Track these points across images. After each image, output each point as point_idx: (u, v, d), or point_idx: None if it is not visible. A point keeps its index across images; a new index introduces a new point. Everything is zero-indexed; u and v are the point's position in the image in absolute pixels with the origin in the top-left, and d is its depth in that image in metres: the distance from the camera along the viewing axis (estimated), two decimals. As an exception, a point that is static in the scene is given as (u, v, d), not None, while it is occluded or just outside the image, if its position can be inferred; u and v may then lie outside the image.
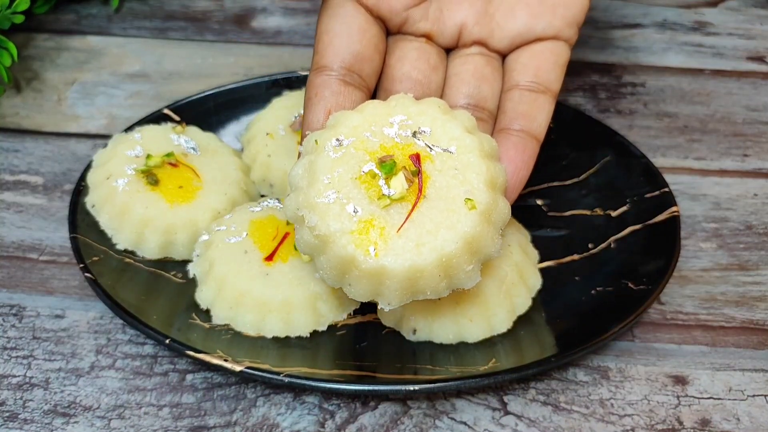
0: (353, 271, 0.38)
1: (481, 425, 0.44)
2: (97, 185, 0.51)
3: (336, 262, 0.39)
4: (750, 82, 0.69)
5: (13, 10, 0.61)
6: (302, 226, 0.39)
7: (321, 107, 0.42)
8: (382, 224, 0.38)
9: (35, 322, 0.49)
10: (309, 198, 0.39)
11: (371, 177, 0.39)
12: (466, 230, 0.38)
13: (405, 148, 0.40)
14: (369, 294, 0.39)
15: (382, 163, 0.39)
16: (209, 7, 0.76)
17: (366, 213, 0.38)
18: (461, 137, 0.41)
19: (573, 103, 0.66)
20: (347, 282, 0.39)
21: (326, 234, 0.38)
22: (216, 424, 0.44)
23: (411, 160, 0.39)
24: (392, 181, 0.39)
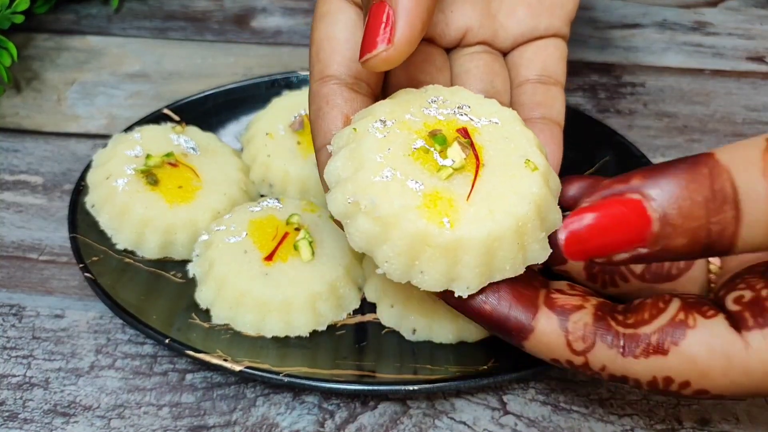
0: (426, 252, 0.35)
1: (480, 425, 0.44)
2: (96, 185, 0.51)
3: (404, 244, 0.35)
4: (750, 82, 0.69)
5: (13, 10, 0.61)
6: (356, 216, 0.35)
7: (336, 113, 0.39)
8: (448, 195, 0.35)
9: (35, 322, 0.49)
10: (362, 181, 0.35)
11: (424, 152, 0.37)
12: (533, 191, 0.36)
13: (449, 124, 0.38)
14: (445, 278, 0.35)
15: (434, 137, 0.37)
16: (209, 7, 0.76)
17: (429, 186, 0.35)
18: (501, 110, 0.40)
19: (572, 103, 0.66)
20: (419, 269, 0.35)
21: (390, 213, 0.34)
22: (215, 423, 0.44)
23: (459, 134, 0.37)
24: (448, 151, 0.37)
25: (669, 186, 0.29)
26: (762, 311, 0.32)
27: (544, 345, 0.34)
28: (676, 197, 0.29)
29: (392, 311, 0.47)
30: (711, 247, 0.30)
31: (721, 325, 0.33)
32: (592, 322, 0.34)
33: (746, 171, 0.28)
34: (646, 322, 0.34)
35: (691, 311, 0.33)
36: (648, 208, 0.29)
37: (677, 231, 0.29)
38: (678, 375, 0.33)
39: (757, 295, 0.33)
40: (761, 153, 0.29)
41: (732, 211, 0.28)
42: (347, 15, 0.40)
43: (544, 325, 0.34)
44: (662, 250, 0.30)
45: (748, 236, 0.29)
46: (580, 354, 0.34)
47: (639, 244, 0.30)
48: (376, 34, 0.34)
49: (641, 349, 0.33)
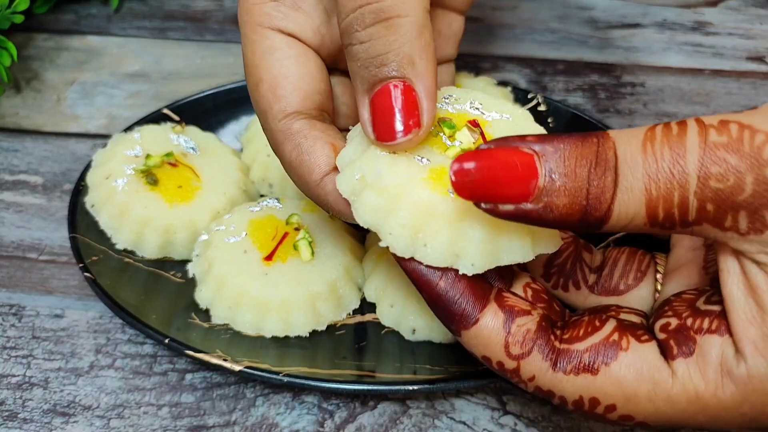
0: (430, 224, 0.34)
1: (480, 425, 0.44)
2: (96, 185, 0.51)
3: (409, 215, 0.34)
4: (750, 82, 0.69)
5: (12, 10, 0.61)
6: (363, 192, 0.35)
7: (321, 143, 0.37)
8: None
9: (35, 322, 0.49)
10: (369, 157, 0.35)
11: (433, 135, 0.36)
12: None
13: (460, 117, 0.37)
14: (449, 252, 0.34)
15: (443, 122, 0.36)
16: (209, 7, 0.76)
17: (435, 163, 0.34)
18: (514, 109, 0.39)
19: (572, 103, 0.66)
20: (422, 242, 0.34)
21: (395, 184, 0.33)
22: (215, 423, 0.44)
23: (470, 124, 0.37)
24: (457, 134, 0.36)
25: (559, 146, 0.30)
26: (686, 340, 0.32)
27: (482, 339, 0.34)
28: (564, 157, 0.30)
29: (392, 311, 0.47)
30: (589, 212, 0.30)
31: (653, 351, 0.33)
32: (534, 330, 0.34)
33: (628, 142, 0.30)
34: (580, 339, 0.34)
35: (626, 333, 0.34)
36: (537, 162, 0.30)
37: (560, 189, 0.30)
38: (604, 397, 0.33)
39: (682, 324, 0.33)
40: (645, 129, 0.30)
41: (612, 176, 0.30)
42: (296, 50, 0.38)
43: (488, 320, 0.34)
44: (545, 208, 0.30)
45: (623, 203, 0.30)
46: (514, 358, 0.34)
47: (524, 195, 0.30)
48: (401, 116, 0.33)
49: (572, 366, 0.33)
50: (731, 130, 0.29)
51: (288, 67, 0.38)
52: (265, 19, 0.38)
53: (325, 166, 0.37)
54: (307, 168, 0.37)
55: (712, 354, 0.31)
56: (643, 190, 0.30)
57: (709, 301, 0.34)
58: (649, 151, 0.30)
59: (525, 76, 0.69)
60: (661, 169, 0.29)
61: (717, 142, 0.29)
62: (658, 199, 0.29)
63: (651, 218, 0.30)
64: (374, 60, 0.33)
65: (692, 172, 0.29)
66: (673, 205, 0.30)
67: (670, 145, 0.29)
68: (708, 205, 0.29)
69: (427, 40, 0.34)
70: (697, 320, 0.33)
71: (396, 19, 0.33)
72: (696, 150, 0.29)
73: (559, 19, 0.76)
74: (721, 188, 0.29)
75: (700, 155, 0.29)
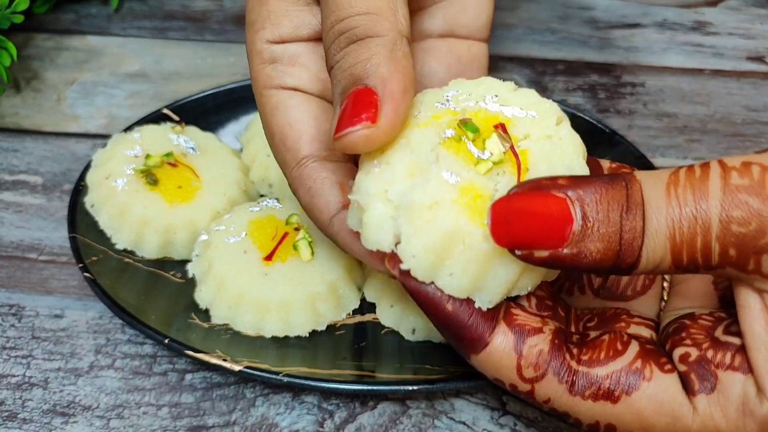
0: (457, 254, 0.32)
1: (480, 425, 0.44)
2: (96, 185, 0.51)
3: (435, 240, 0.31)
4: (750, 82, 0.69)
5: (12, 9, 0.61)
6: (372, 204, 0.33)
7: (329, 184, 0.38)
8: (487, 192, 0.32)
9: (34, 322, 0.49)
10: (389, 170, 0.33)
11: (456, 141, 0.33)
12: None
13: (480, 115, 0.35)
14: (471, 285, 0.32)
15: (465, 124, 0.33)
16: (209, 7, 0.76)
17: (465, 180, 0.32)
18: (538, 102, 0.36)
19: (572, 103, 0.66)
20: (448, 270, 0.32)
21: (422, 203, 0.31)
22: (215, 423, 0.44)
23: (497, 129, 0.34)
24: (487, 142, 0.33)
25: (591, 190, 0.30)
26: (708, 374, 0.32)
27: (494, 363, 0.33)
28: (596, 202, 0.30)
29: (392, 311, 0.47)
30: (621, 257, 0.30)
31: (675, 384, 0.33)
32: (548, 350, 0.33)
33: (654, 185, 0.30)
34: (602, 362, 0.33)
35: (649, 361, 0.33)
36: (570, 207, 0.30)
37: (595, 234, 0.30)
38: (622, 425, 0.33)
39: (702, 356, 0.33)
40: (669, 173, 0.31)
41: (641, 221, 0.30)
42: (297, 100, 0.40)
43: (498, 342, 0.33)
44: (579, 254, 0.30)
45: (650, 247, 0.30)
46: (528, 381, 0.33)
47: (560, 242, 0.30)
48: (357, 114, 0.33)
49: (591, 392, 0.33)
50: (753, 172, 0.29)
51: (292, 116, 0.39)
52: (267, 80, 0.40)
53: (334, 206, 0.37)
54: (318, 210, 0.38)
55: (733, 392, 0.31)
56: (667, 234, 0.30)
57: (728, 332, 0.33)
58: (672, 195, 0.30)
59: (525, 76, 0.69)
60: (684, 213, 0.29)
61: (739, 185, 0.29)
62: (682, 244, 0.30)
63: (676, 262, 0.30)
64: (345, 72, 0.35)
65: (714, 216, 0.29)
66: (696, 249, 0.30)
67: (692, 189, 0.29)
68: (731, 250, 0.29)
69: (399, 56, 0.34)
70: (718, 353, 0.32)
71: (367, 39, 0.34)
72: (718, 193, 0.29)
73: (560, 19, 0.76)
74: (744, 232, 0.29)
75: (722, 199, 0.29)
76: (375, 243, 0.33)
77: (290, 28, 0.40)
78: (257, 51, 0.40)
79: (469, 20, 0.46)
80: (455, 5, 0.46)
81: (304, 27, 0.40)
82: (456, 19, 0.46)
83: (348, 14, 0.35)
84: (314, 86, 0.40)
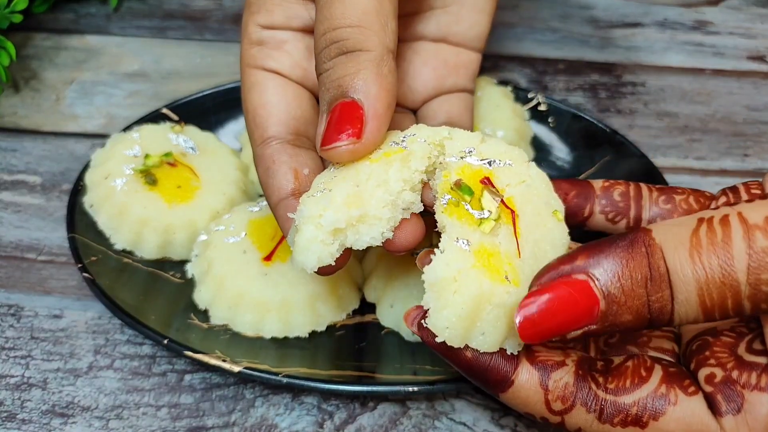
0: (486, 314, 0.33)
1: (480, 426, 0.44)
2: (95, 185, 0.51)
3: (466, 307, 0.33)
4: (750, 82, 0.69)
5: (11, 9, 0.61)
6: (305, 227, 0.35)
7: (285, 169, 0.39)
8: (495, 250, 0.34)
9: (33, 322, 0.48)
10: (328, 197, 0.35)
11: (455, 206, 0.35)
12: (565, 242, 0.36)
13: (465, 171, 0.37)
14: (503, 338, 0.34)
15: (459, 187, 0.35)
16: (208, 7, 0.76)
17: (475, 243, 0.34)
18: (509, 149, 0.38)
19: (573, 103, 0.66)
20: (480, 330, 0.33)
21: (448, 276, 0.33)
22: (214, 424, 0.44)
23: (484, 184, 0.36)
24: (483, 201, 0.35)
25: (611, 265, 0.31)
26: (734, 395, 0.33)
27: (522, 399, 0.34)
28: (618, 276, 0.31)
29: (392, 312, 0.47)
30: (653, 322, 0.31)
31: (701, 406, 0.33)
32: (573, 382, 0.34)
33: (676, 251, 0.31)
34: (628, 390, 0.34)
35: (673, 385, 0.34)
36: (594, 288, 0.31)
37: (622, 308, 0.31)
38: None
39: (727, 376, 0.33)
40: (690, 233, 0.31)
41: (668, 290, 0.31)
42: (275, 82, 0.42)
43: (523, 379, 0.34)
44: (611, 326, 0.31)
45: (683, 313, 0.31)
46: (557, 414, 0.34)
47: (588, 321, 0.31)
48: (343, 127, 0.36)
49: (620, 419, 0.34)
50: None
51: (266, 97, 0.42)
52: (251, 60, 0.42)
53: (284, 190, 0.40)
54: (270, 190, 0.40)
55: (761, 412, 0.32)
56: (698, 301, 0.30)
57: (752, 350, 0.34)
58: (697, 262, 0.30)
59: (525, 75, 0.69)
60: (712, 279, 0.30)
61: (764, 247, 0.29)
62: (713, 307, 0.30)
63: (709, 319, 0.31)
64: (334, 82, 0.37)
65: (743, 280, 0.30)
66: (727, 309, 0.31)
67: (717, 254, 0.30)
68: (763, 305, 0.30)
69: (385, 73, 0.36)
70: (743, 374, 0.33)
71: (357, 52, 0.36)
72: (744, 257, 0.30)
73: (560, 18, 0.76)
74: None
75: (748, 263, 0.30)
76: (300, 263, 0.35)
77: (282, 18, 0.42)
78: (248, 32, 0.43)
79: (462, 30, 0.48)
80: (450, 15, 0.48)
81: (296, 19, 0.42)
82: (449, 27, 0.48)
83: (339, 24, 0.37)
84: (294, 72, 0.42)
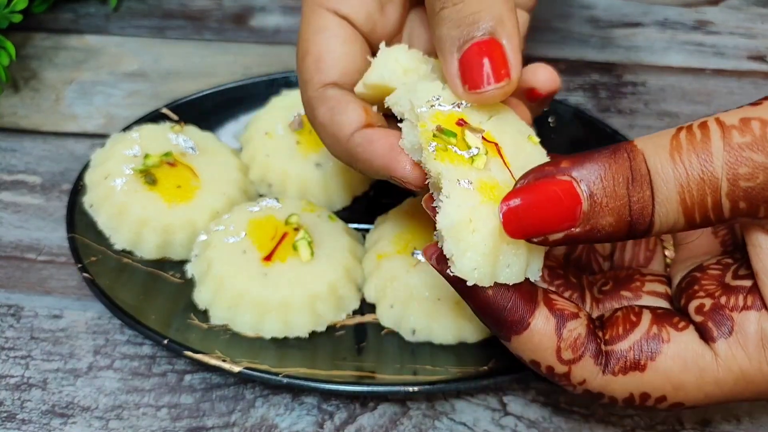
0: (506, 244, 0.33)
1: (480, 426, 0.44)
2: (95, 185, 0.51)
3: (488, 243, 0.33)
4: (751, 82, 0.69)
5: (11, 9, 0.60)
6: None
7: (354, 105, 0.39)
8: (493, 182, 0.34)
9: (33, 322, 0.48)
10: None
11: (443, 151, 0.35)
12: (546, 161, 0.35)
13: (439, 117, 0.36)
14: (525, 265, 0.34)
15: (442, 132, 0.35)
16: (208, 6, 0.75)
17: (475, 180, 0.34)
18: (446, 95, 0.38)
19: (573, 103, 0.65)
20: (504, 264, 0.33)
21: (462, 219, 0.33)
22: (214, 424, 0.44)
23: (459, 124, 0.36)
24: (467, 140, 0.35)
25: (594, 168, 0.31)
26: (724, 319, 0.33)
27: (533, 345, 0.34)
28: (601, 178, 0.31)
29: (392, 312, 0.47)
30: (634, 226, 0.31)
31: (693, 337, 0.34)
32: (585, 334, 0.34)
33: (657, 153, 0.31)
34: (621, 337, 0.34)
35: (664, 324, 0.34)
36: (577, 188, 0.31)
37: (604, 210, 0.31)
38: (654, 390, 0.34)
39: (716, 303, 0.34)
40: (670, 138, 0.32)
41: (648, 190, 0.31)
42: (346, 31, 0.41)
43: (540, 324, 0.34)
44: (592, 230, 0.31)
45: (663, 214, 0.31)
46: (565, 363, 0.34)
47: (571, 222, 0.31)
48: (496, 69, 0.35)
49: (619, 366, 0.34)
50: (753, 128, 0.30)
51: (335, 45, 0.41)
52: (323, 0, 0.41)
53: (356, 123, 0.39)
54: (338, 126, 0.39)
55: (751, 330, 0.32)
56: (678, 200, 0.31)
57: (738, 276, 0.34)
58: (677, 160, 0.31)
59: (525, 75, 0.69)
60: (692, 177, 0.30)
61: (741, 143, 0.30)
62: (693, 206, 0.31)
63: (689, 222, 0.31)
64: (466, 18, 0.35)
65: (721, 176, 0.30)
66: (707, 208, 0.31)
67: (696, 153, 0.30)
68: (741, 204, 0.30)
69: (511, 4, 0.36)
70: (731, 298, 0.33)
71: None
72: (721, 153, 0.30)
73: (560, 18, 0.75)
74: (751, 186, 0.30)
75: (726, 159, 0.30)
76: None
77: None
78: None
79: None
80: None
81: None
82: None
83: None
84: (365, 23, 0.42)
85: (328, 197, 0.54)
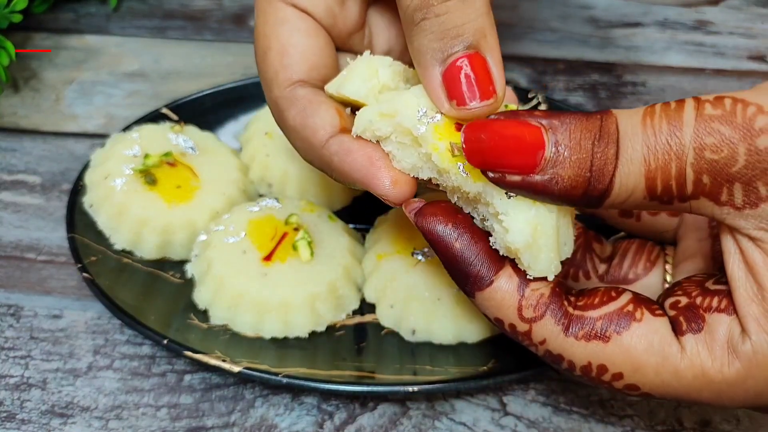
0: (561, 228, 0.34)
1: (480, 426, 0.44)
2: (94, 185, 0.51)
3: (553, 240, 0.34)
4: (751, 82, 0.69)
5: (11, 9, 0.60)
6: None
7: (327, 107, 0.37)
8: None
9: (33, 322, 0.48)
10: None
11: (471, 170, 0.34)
12: None
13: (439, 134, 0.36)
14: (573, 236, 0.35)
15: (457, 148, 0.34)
16: (208, 6, 0.76)
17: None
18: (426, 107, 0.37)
19: (573, 102, 0.65)
20: (563, 243, 0.35)
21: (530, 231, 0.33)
22: (214, 424, 0.44)
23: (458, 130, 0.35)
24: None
25: (566, 122, 0.31)
26: (695, 317, 0.33)
27: (496, 302, 0.35)
28: (569, 131, 0.31)
29: (392, 312, 0.47)
30: (593, 185, 0.31)
31: (665, 326, 0.34)
32: (548, 294, 0.34)
33: (630, 118, 0.31)
34: (595, 306, 0.34)
35: (641, 305, 0.34)
36: (544, 134, 0.31)
37: (566, 161, 0.31)
38: (613, 365, 0.34)
39: (692, 302, 0.34)
40: (646, 107, 0.32)
41: (614, 148, 0.31)
42: (307, 24, 0.39)
43: (503, 282, 0.34)
44: (551, 180, 0.31)
45: (624, 174, 0.31)
46: (526, 321, 0.34)
47: (532, 167, 0.31)
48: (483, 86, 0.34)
49: (584, 332, 0.34)
50: (725, 103, 0.30)
51: (297, 38, 0.39)
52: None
53: (330, 127, 0.37)
54: (312, 130, 0.37)
55: (719, 332, 0.32)
56: (642, 161, 0.30)
57: (718, 282, 0.34)
58: (648, 124, 0.31)
59: (526, 75, 0.69)
60: (659, 141, 0.30)
61: (712, 114, 0.30)
62: (656, 170, 0.30)
63: (650, 190, 0.31)
64: (450, 32, 0.34)
65: (688, 143, 0.30)
66: (670, 176, 0.30)
67: (668, 119, 0.30)
68: (704, 177, 0.30)
69: (492, 18, 0.35)
70: (706, 299, 0.34)
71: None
72: (692, 122, 0.30)
73: (560, 18, 0.75)
74: (716, 159, 0.30)
75: (695, 127, 0.30)
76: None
77: None
78: None
79: None
80: None
81: None
82: None
83: None
84: (325, 16, 0.40)
85: (328, 197, 0.54)
